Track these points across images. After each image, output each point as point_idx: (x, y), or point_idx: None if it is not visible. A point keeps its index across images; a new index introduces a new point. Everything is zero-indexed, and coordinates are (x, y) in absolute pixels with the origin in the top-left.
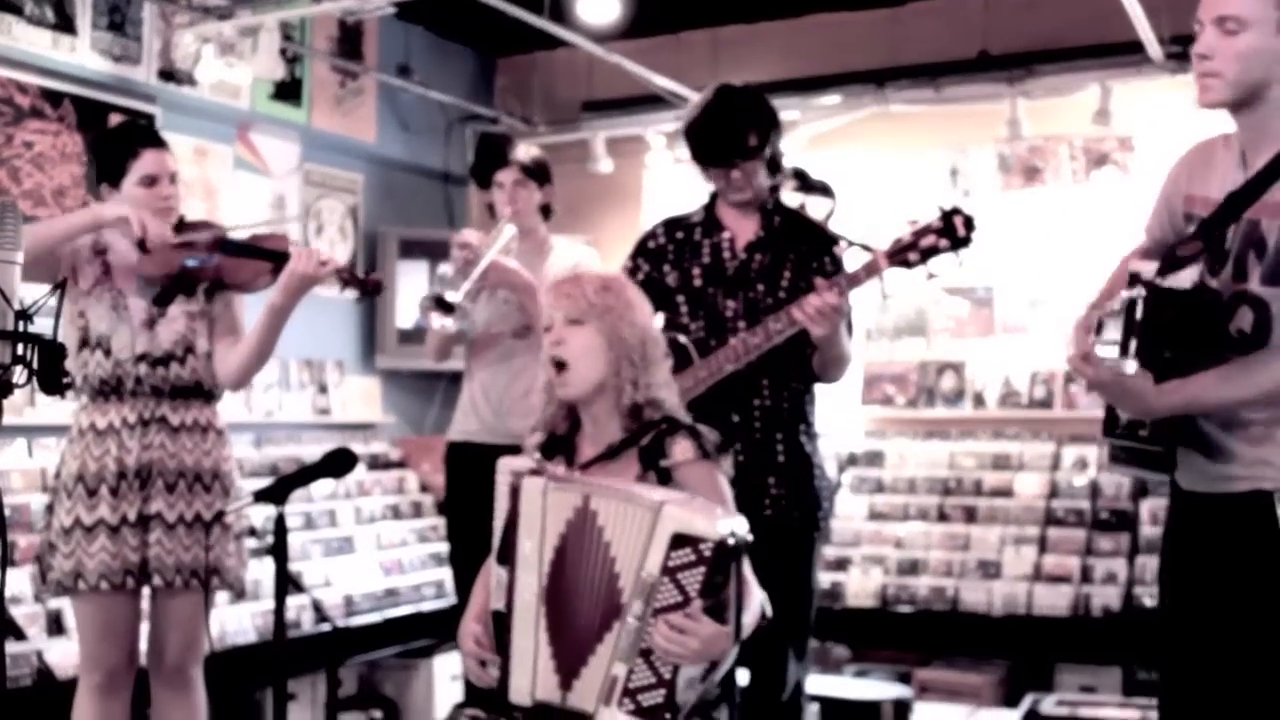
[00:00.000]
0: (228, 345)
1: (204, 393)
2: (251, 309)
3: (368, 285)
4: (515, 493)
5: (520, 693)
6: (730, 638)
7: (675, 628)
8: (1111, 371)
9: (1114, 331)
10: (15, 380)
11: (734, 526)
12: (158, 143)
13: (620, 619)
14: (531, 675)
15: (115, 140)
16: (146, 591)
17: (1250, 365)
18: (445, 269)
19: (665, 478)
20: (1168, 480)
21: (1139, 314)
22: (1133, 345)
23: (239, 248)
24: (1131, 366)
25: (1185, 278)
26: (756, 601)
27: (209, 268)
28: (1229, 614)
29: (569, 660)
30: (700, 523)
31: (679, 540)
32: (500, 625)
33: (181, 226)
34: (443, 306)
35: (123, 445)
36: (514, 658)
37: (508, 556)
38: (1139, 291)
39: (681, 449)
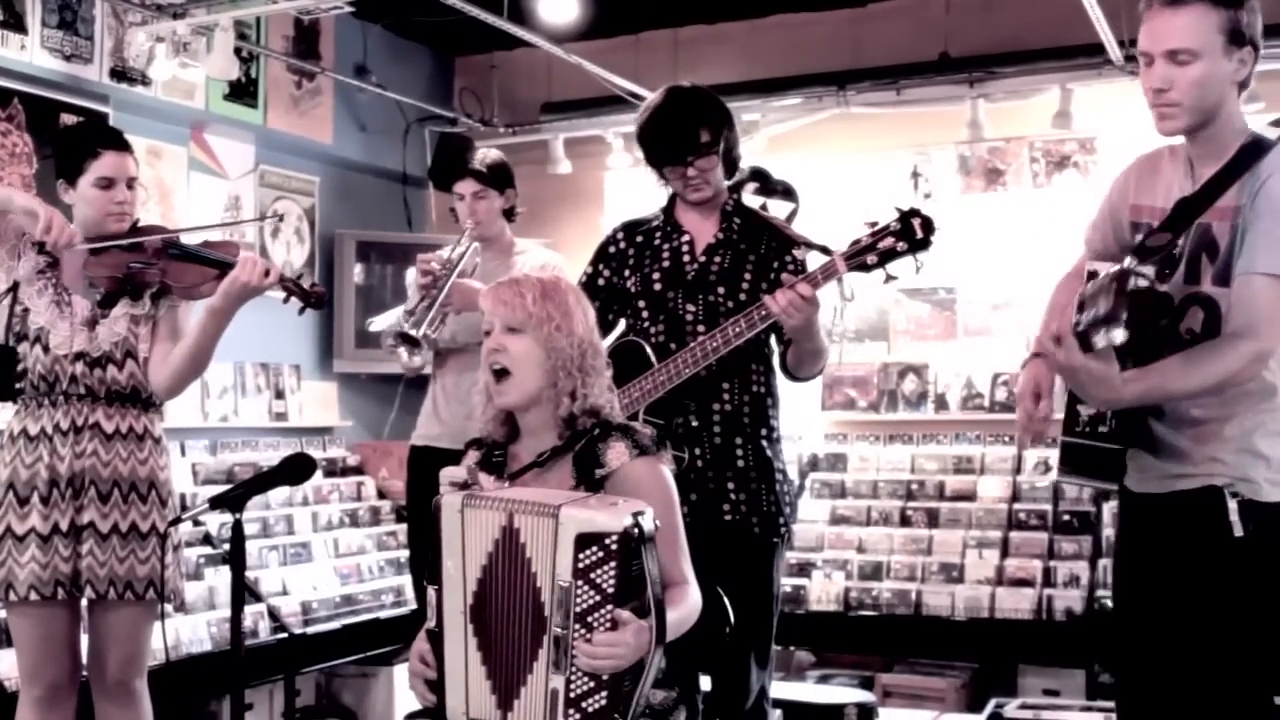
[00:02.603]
0: (164, 352)
1: (141, 400)
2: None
3: (311, 296)
4: (436, 512)
5: (455, 712)
6: (650, 630)
7: (596, 642)
8: (1081, 356)
9: (1101, 305)
10: None
11: (638, 517)
12: (120, 145)
13: (548, 631)
14: (464, 695)
15: (77, 137)
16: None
17: (1205, 354)
18: (411, 278)
19: (598, 487)
20: (1116, 488)
21: (1131, 286)
22: (1124, 315)
23: (186, 253)
24: (1121, 335)
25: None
26: (691, 600)
27: (153, 271)
28: (1184, 611)
29: (505, 680)
30: (601, 518)
31: (583, 540)
32: (434, 644)
33: (135, 231)
34: (409, 342)
35: (55, 452)
36: (447, 677)
37: (435, 576)
38: (1134, 264)
39: (616, 453)
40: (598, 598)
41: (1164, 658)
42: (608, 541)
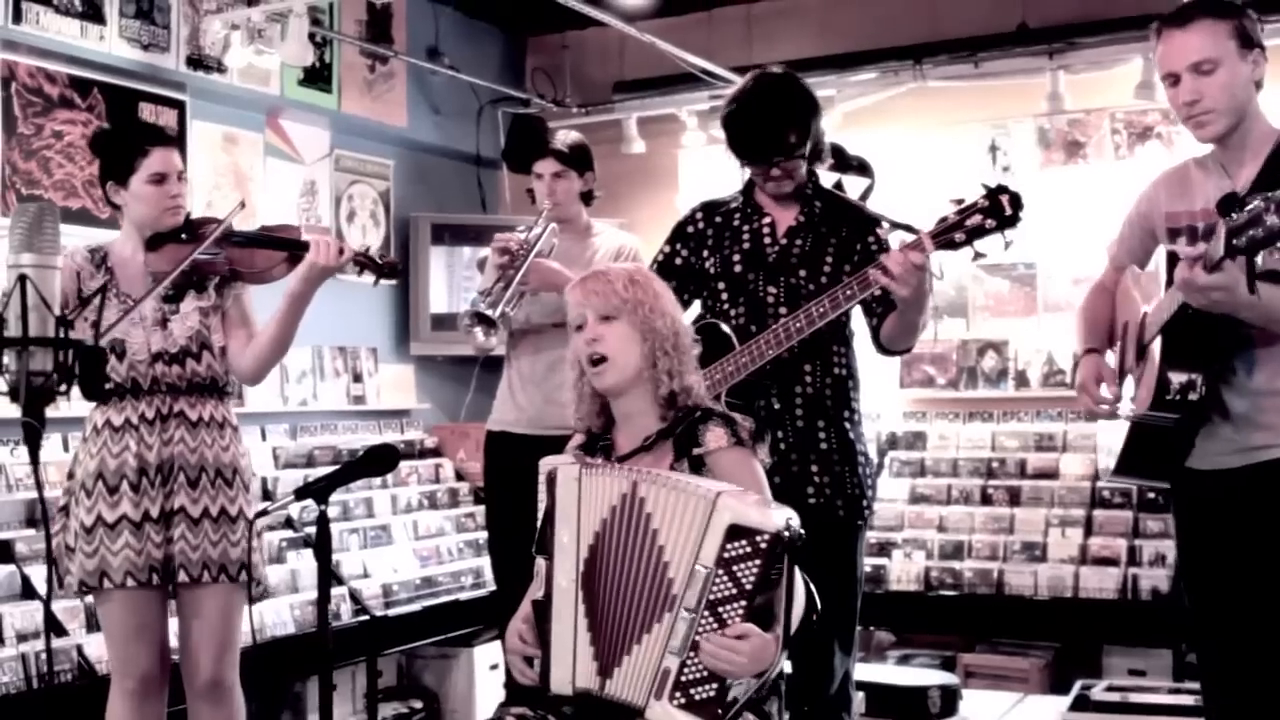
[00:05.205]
0: (242, 339)
1: (219, 389)
2: (264, 303)
3: (385, 267)
4: (551, 483)
5: (561, 683)
6: (778, 644)
7: (713, 640)
8: (1206, 275)
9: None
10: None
11: (790, 522)
12: (166, 140)
13: (672, 610)
14: (571, 664)
15: (122, 139)
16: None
17: None
18: (487, 256)
19: (698, 465)
20: (1169, 486)
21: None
22: None
23: (249, 239)
24: None
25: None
26: (802, 597)
27: (219, 261)
28: (1270, 583)
29: (608, 648)
30: (756, 515)
31: (735, 532)
32: (541, 614)
33: (189, 223)
34: (484, 322)
35: (142, 441)
36: (553, 647)
37: (546, 547)
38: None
39: (715, 436)
40: (734, 590)
41: (1252, 631)
42: (759, 539)
